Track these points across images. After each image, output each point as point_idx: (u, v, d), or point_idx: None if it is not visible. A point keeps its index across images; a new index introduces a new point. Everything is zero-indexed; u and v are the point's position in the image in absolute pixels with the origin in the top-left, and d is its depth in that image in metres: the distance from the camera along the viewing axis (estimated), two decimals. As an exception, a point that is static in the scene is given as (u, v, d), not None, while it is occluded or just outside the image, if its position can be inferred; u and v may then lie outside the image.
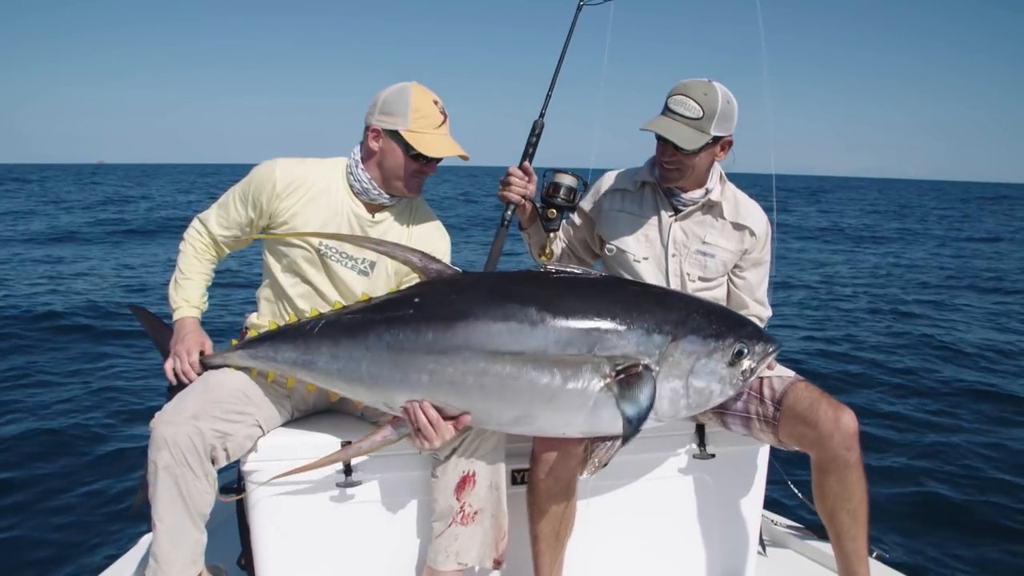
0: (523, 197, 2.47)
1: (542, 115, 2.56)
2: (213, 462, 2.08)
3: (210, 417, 2.07)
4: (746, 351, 2.00)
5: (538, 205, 2.51)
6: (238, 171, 2.59)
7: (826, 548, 2.74)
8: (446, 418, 1.99)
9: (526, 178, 2.48)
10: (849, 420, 2.16)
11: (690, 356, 1.95)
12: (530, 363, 1.91)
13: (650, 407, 1.92)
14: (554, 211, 2.45)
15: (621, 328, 1.92)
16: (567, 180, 2.44)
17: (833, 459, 2.17)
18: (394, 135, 2.23)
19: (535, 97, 2.77)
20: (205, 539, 2.14)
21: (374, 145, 2.27)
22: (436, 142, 2.24)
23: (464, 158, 2.31)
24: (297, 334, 2.15)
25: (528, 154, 2.52)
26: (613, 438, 2.01)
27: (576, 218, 2.66)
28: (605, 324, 1.92)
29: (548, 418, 1.98)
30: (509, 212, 2.49)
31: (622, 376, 1.91)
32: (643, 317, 1.94)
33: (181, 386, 2.24)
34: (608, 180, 2.63)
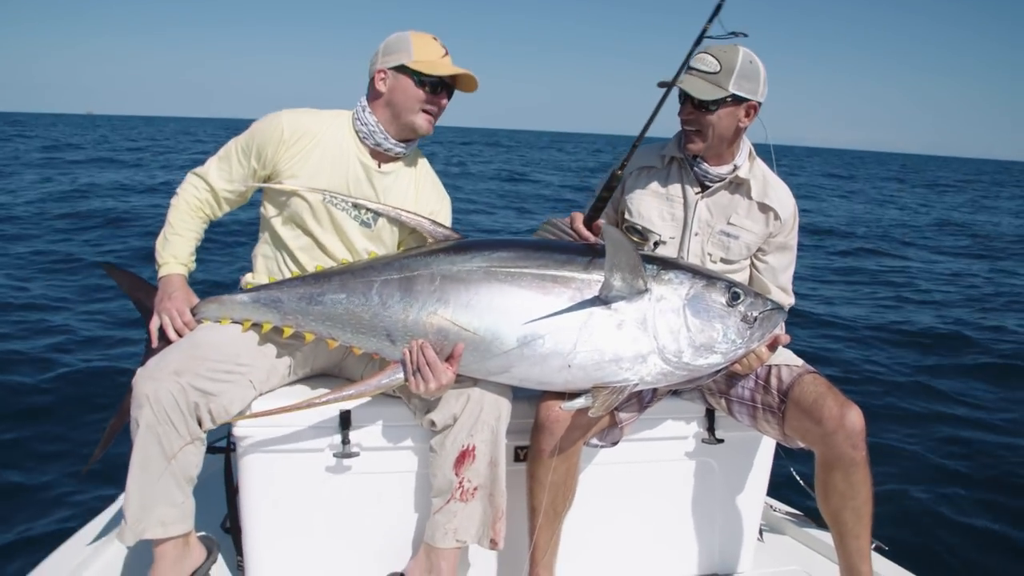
0: None
1: (623, 167, 2.24)
2: (199, 423, 1.99)
3: (194, 374, 1.98)
4: (741, 294, 2.02)
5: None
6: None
7: (825, 536, 2.71)
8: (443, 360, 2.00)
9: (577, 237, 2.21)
10: (855, 417, 2.09)
11: (681, 284, 2.02)
12: (531, 279, 2.00)
13: (644, 327, 1.97)
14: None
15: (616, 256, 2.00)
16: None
17: (839, 457, 2.12)
18: (401, 69, 2.24)
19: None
20: (192, 505, 2.06)
21: (381, 86, 2.27)
22: (443, 65, 2.26)
23: (472, 82, 2.29)
24: (305, 277, 2.20)
25: (596, 208, 2.22)
26: (620, 385, 1.99)
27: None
28: (601, 253, 2.01)
29: (550, 342, 1.98)
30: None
31: (618, 294, 1.98)
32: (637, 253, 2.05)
33: (161, 349, 2.14)
34: (634, 158, 2.38)
